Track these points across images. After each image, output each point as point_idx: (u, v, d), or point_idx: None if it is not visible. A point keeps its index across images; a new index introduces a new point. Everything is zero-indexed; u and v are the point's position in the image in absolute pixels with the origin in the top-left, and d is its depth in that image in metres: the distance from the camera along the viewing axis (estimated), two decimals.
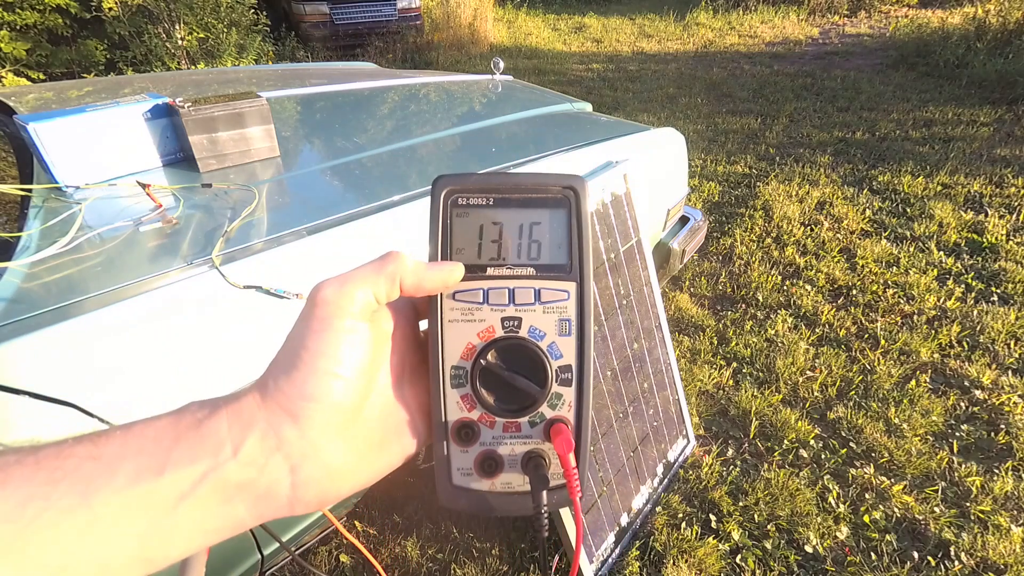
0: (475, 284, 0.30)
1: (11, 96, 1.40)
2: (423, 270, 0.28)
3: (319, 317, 0.26)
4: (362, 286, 0.26)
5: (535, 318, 0.30)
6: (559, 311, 0.30)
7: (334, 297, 0.26)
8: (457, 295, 0.30)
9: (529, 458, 0.31)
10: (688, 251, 1.85)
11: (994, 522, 1.53)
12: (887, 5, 8.17)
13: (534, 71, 6.30)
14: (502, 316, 0.30)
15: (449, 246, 0.30)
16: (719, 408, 1.93)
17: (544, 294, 0.30)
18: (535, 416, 0.31)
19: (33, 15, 4.55)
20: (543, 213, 0.30)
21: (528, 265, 0.30)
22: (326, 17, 6.56)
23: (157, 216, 0.97)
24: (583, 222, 0.30)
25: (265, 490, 0.24)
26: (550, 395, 0.30)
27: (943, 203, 3.11)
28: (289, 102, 1.66)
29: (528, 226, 0.30)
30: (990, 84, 4.81)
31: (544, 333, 0.30)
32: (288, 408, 0.25)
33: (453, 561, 1.47)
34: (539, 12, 9.62)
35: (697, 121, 4.58)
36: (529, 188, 0.30)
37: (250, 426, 0.24)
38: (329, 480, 0.26)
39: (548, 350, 0.30)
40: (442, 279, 0.28)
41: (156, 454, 0.23)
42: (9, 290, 0.77)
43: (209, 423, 0.24)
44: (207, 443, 0.23)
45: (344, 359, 0.25)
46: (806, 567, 1.46)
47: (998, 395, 1.93)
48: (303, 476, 0.25)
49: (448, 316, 0.30)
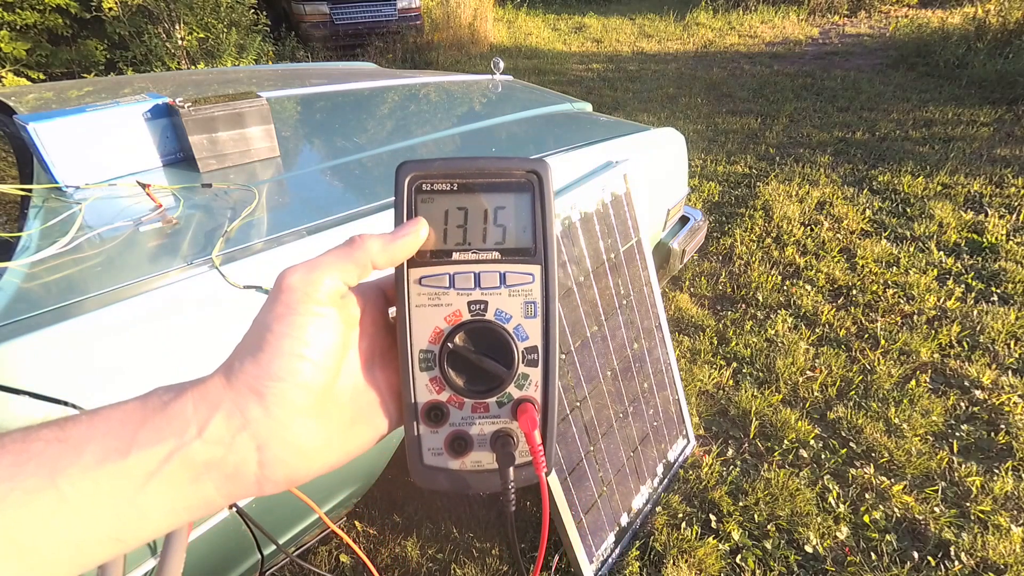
0: (441, 269, 0.30)
1: (11, 96, 1.40)
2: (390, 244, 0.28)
3: (284, 303, 0.26)
4: (329, 273, 0.27)
5: (501, 301, 0.31)
6: (524, 294, 0.31)
7: (300, 284, 0.26)
8: (423, 280, 0.30)
9: (497, 437, 0.31)
10: (688, 251, 1.85)
11: (994, 522, 1.53)
12: (887, 5, 8.17)
13: (534, 71, 6.30)
14: (468, 300, 0.30)
15: None
16: (719, 408, 1.93)
17: (509, 277, 0.31)
18: (503, 396, 0.31)
19: (33, 15, 4.55)
20: (507, 197, 0.31)
21: (493, 249, 0.31)
22: (326, 17, 6.56)
23: (157, 216, 0.97)
24: (547, 205, 0.31)
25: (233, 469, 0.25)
26: (517, 376, 0.31)
27: (943, 203, 3.11)
28: (289, 102, 1.66)
29: (492, 210, 0.31)
30: (990, 84, 4.81)
31: (510, 316, 0.31)
32: (253, 388, 0.25)
33: (453, 561, 1.47)
34: (539, 12, 9.62)
35: (697, 121, 4.58)
36: (493, 172, 0.31)
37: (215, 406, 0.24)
38: (298, 459, 0.26)
39: (514, 332, 0.31)
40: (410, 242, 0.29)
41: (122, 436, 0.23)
42: (9, 290, 0.77)
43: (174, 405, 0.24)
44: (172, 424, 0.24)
45: (310, 341, 0.26)
46: (806, 567, 1.46)
47: (998, 395, 1.93)
48: (270, 455, 0.25)
49: (415, 301, 0.30)
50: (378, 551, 1.50)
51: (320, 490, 1.14)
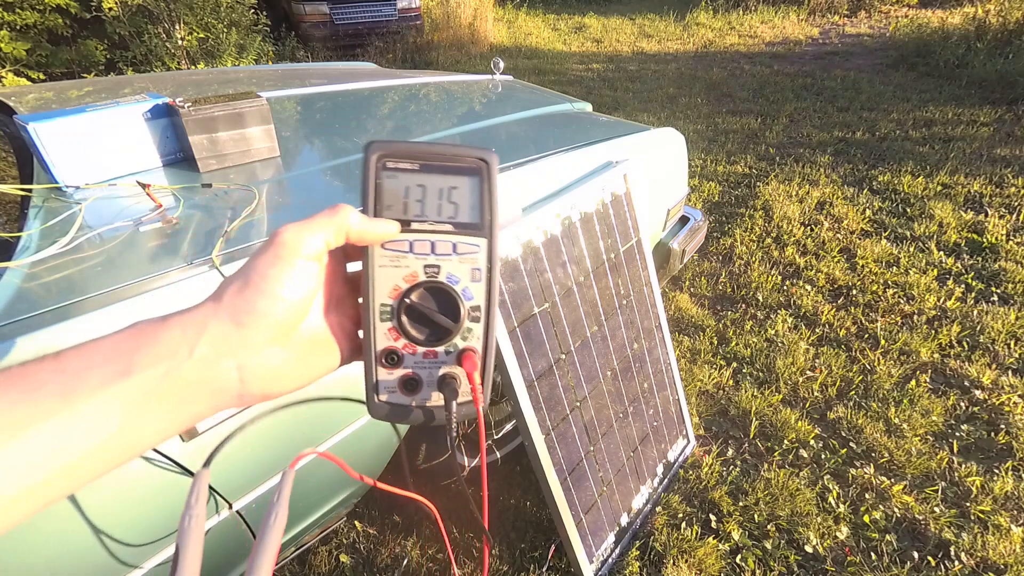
0: (403, 236, 0.35)
1: (11, 96, 1.40)
2: (366, 224, 0.33)
3: (275, 253, 0.30)
4: (317, 232, 0.31)
5: (452, 266, 0.36)
6: (472, 261, 0.36)
7: (292, 239, 0.31)
8: (387, 245, 0.35)
9: (443, 378, 0.37)
10: (688, 251, 1.85)
11: (994, 522, 1.53)
12: (887, 5, 8.17)
13: (534, 71, 6.30)
14: (424, 264, 0.35)
15: (380, 202, 0.35)
16: (719, 408, 1.93)
17: (460, 247, 0.35)
18: (450, 346, 0.36)
19: (33, 15, 4.55)
20: (461, 179, 0.35)
21: (447, 222, 0.35)
22: (326, 17, 6.55)
23: (157, 216, 0.97)
24: (493, 188, 0.35)
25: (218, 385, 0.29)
26: (462, 329, 0.36)
27: (943, 203, 3.11)
28: (289, 102, 1.66)
29: (447, 189, 0.35)
30: (990, 84, 4.81)
31: (459, 279, 0.36)
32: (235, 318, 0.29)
33: (453, 561, 1.47)
34: (539, 12, 9.62)
35: (697, 121, 4.58)
36: (448, 157, 0.35)
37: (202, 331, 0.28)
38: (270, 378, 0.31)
39: (462, 293, 0.36)
40: (380, 234, 0.34)
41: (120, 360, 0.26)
42: (9, 290, 0.77)
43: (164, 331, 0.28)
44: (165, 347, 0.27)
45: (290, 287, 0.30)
46: (806, 567, 1.46)
47: (998, 395, 1.93)
48: (248, 373, 0.30)
49: (379, 262, 0.35)
50: (378, 551, 1.50)
51: (320, 490, 1.15)
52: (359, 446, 1.10)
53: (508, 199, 1.23)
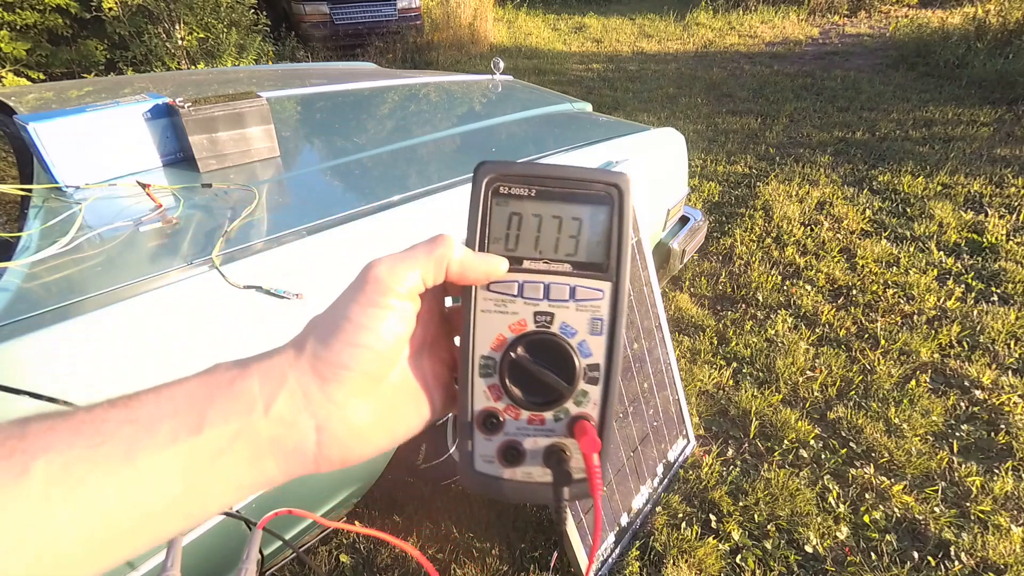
0: (511, 276, 0.30)
1: (11, 96, 1.40)
2: (470, 259, 0.29)
3: (368, 293, 0.27)
4: (413, 268, 0.27)
5: (568, 315, 0.30)
6: (592, 310, 0.30)
7: (386, 276, 0.27)
8: (492, 286, 0.30)
9: (551, 451, 0.31)
10: (688, 251, 1.85)
11: (994, 522, 1.53)
12: (887, 5, 8.17)
13: (534, 71, 6.30)
14: (535, 311, 0.30)
15: (487, 234, 0.30)
16: (719, 408, 1.93)
17: (579, 292, 0.30)
18: (560, 411, 0.31)
19: (33, 15, 4.55)
20: (584, 209, 0.30)
21: (565, 261, 0.30)
22: (326, 17, 6.55)
23: (157, 216, 0.97)
24: (624, 221, 0.30)
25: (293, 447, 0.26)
26: (577, 392, 0.31)
27: (943, 203, 3.11)
28: (289, 102, 1.66)
29: (568, 221, 0.30)
30: (990, 84, 4.81)
31: (576, 331, 0.30)
32: (319, 371, 0.26)
33: (453, 561, 1.47)
34: (539, 12, 9.61)
35: (697, 121, 4.58)
36: (572, 182, 0.30)
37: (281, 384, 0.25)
38: (352, 439, 0.27)
39: (578, 348, 0.30)
40: (485, 271, 0.29)
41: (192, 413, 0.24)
42: (9, 290, 0.77)
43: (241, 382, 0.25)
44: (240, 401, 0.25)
45: (384, 334, 0.27)
46: (806, 567, 1.46)
47: (998, 395, 1.93)
48: (328, 435, 0.26)
49: (482, 306, 0.30)
50: (378, 551, 1.50)
51: (321, 490, 1.15)
52: None
53: None
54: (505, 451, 0.31)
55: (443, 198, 1.13)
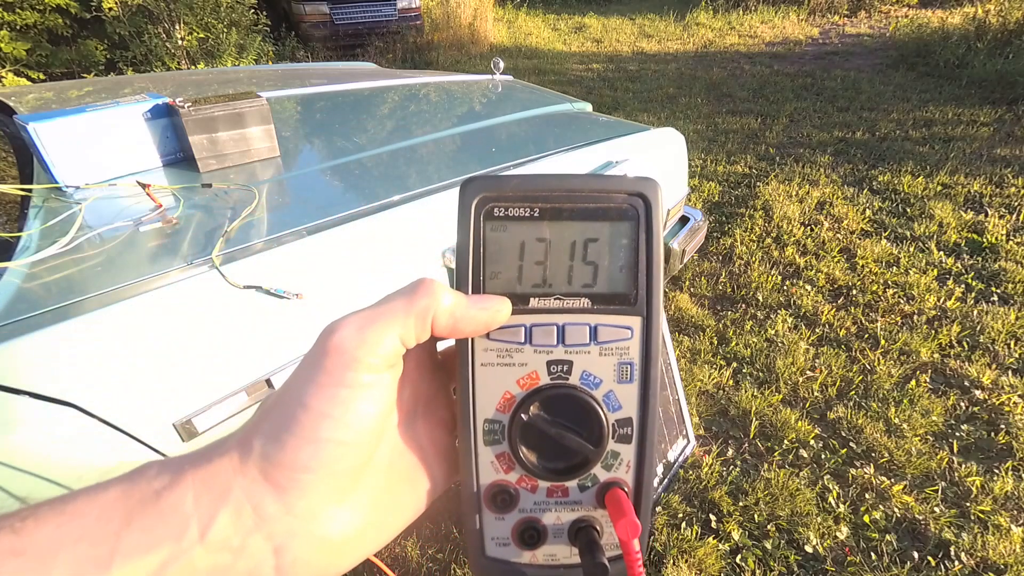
0: (515, 319, 0.24)
1: (11, 96, 1.40)
2: (462, 308, 0.22)
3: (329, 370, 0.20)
4: (388, 329, 0.21)
5: (589, 361, 0.25)
6: (619, 353, 0.25)
7: (352, 345, 0.20)
8: (493, 334, 0.24)
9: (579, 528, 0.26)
10: (688, 251, 1.85)
11: (994, 522, 1.53)
12: (887, 5, 8.17)
13: (534, 71, 6.30)
14: (548, 359, 0.25)
15: (482, 271, 0.24)
16: (719, 408, 1.93)
17: (601, 332, 0.25)
18: (586, 479, 0.26)
19: (33, 15, 4.55)
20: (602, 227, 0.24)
21: (582, 295, 0.25)
22: (326, 17, 6.56)
23: (157, 216, 0.97)
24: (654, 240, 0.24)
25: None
26: (606, 454, 0.26)
27: (943, 203, 3.11)
28: (289, 102, 1.66)
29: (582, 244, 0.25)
30: (990, 84, 4.81)
31: (600, 380, 0.25)
32: (273, 478, 0.20)
33: (453, 561, 1.47)
34: (539, 12, 9.61)
35: (697, 121, 4.58)
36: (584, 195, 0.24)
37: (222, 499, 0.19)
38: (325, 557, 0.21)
39: (604, 400, 0.25)
40: (484, 321, 0.23)
41: (101, 540, 0.18)
42: (9, 290, 0.77)
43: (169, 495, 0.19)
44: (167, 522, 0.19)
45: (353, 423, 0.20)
46: (806, 567, 1.46)
47: (998, 395, 1.93)
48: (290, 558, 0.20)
49: (481, 359, 0.25)
50: (378, 551, 1.50)
51: None
52: None
53: None
54: (522, 531, 0.26)
55: (443, 198, 1.13)
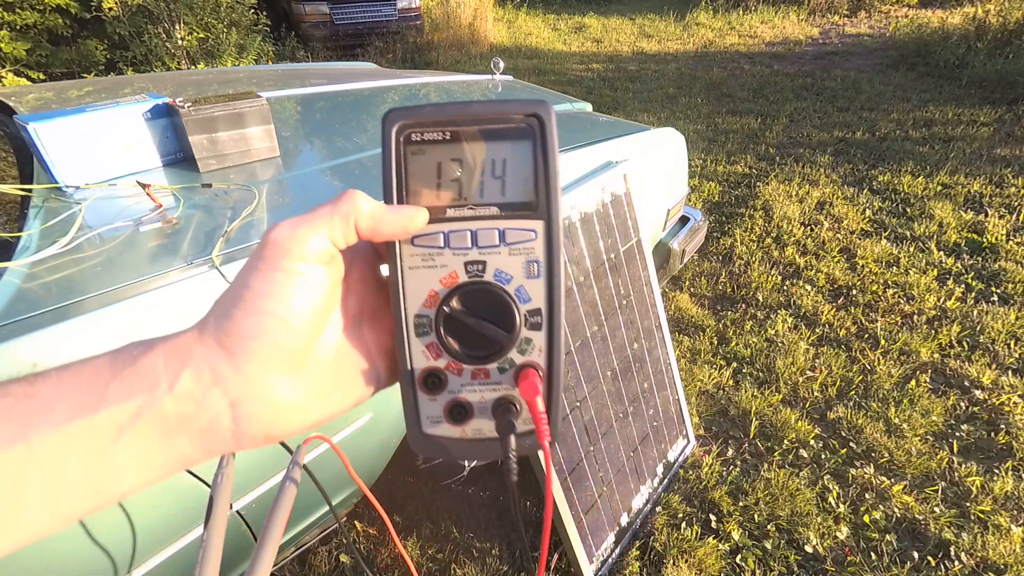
0: (435, 228, 0.29)
1: (11, 96, 1.40)
2: (381, 213, 0.27)
3: (267, 258, 0.25)
4: (316, 228, 0.26)
5: (501, 261, 0.29)
6: (526, 252, 0.29)
7: (285, 239, 0.25)
8: (416, 240, 0.29)
9: (499, 404, 0.30)
10: (688, 251, 1.85)
11: (994, 522, 1.53)
12: (887, 5, 8.17)
13: (534, 71, 6.30)
14: (465, 260, 0.29)
15: (405, 187, 0.29)
16: (719, 408, 1.93)
17: (509, 235, 0.29)
18: (504, 362, 0.30)
19: (33, 15, 4.56)
20: (506, 146, 0.29)
21: (491, 204, 0.29)
22: (326, 17, 6.56)
23: (157, 216, 0.97)
24: (550, 154, 0.29)
25: (206, 424, 0.25)
26: (519, 340, 0.30)
27: (943, 203, 3.11)
28: (289, 102, 1.66)
29: (490, 161, 0.29)
30: (990, 84, 4.81)
31: (511, 276, 0.29)
32: (224, 344, 0.25)
33: (453, 561, 1.47)
34: (539, 12, 9.62)
35: (697, 121, 4.58)
36: (489, 119, 0.28)
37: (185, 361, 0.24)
38: (273, 415, 0.26)
39: (516, 294, 0.29)
40: (401, 224, 0.28)
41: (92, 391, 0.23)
42: (9, 290, 0.77)
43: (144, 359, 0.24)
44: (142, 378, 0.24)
45: (290, 301, 0.25)
46: (806, 567, 1.46)
47: (998, 395, 1.93)
48: (244, 411, 0.25)
49: (408, 263, 0.29)
50: (378, 551, 1.50)
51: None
52: (360, 445, 1.10)
53: None
54: (452, 409, 0.30)
55: None
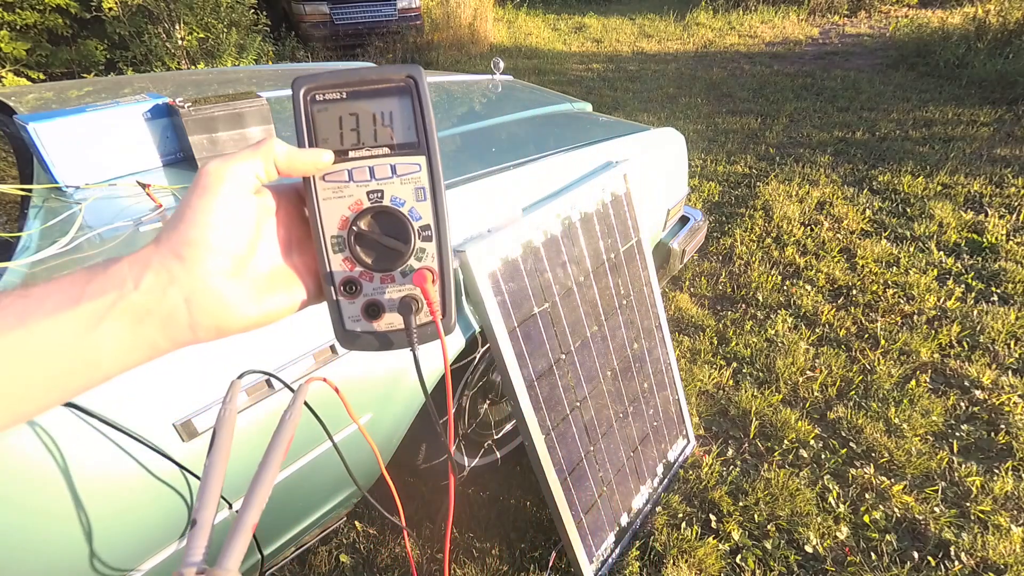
0: (340, 166, 0.35)
1: (11, 96, 1.40)
2: (294, 152, 0.33)
3: (202, 185, 0.31)
4: (241, 162, 0.32)
5: (395, 189, 0.36)
6: (414, 181, 0.36)
7: (215, 169, 0.31)
8: (327, 177, 0.35)
9: (403, 301, 0.37)
10: (688, 251, 1.85)
11: (994, 522, 1.53)
12: (887, 5, 8.17)
13: (534, 71, 6.30)
14: (367, 190, 0.36)
15: (314, 136, 0.35)
16: (719, 408, 1.93)
17: (399, 168, 0.36)
18: (405, 268, 0.37)
19: (33, 15, 4.55)
20: (391, 101, 0.36)
21: (383, 145, 0.36)
22: (326, 17, 6.55)
23: (157, 216, 0.97)
24: (425, 104, 0.36)
25: (167, 316, 0.30)
26: (415, 250, 0.37)
27: (943, 203, 3.11)
28: (289, 102, 1.66)
29: (379, 113, 0.36)
30: (990, 84, 4.81)
31: (404, 200, 0.36)
32: (175, 251, 0.30)
33: (453, 561, 1.47)
34: (539, 12, 9.62)
35: (697, 121, 4.58)
36: (375, 80, 0.35)
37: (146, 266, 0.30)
38: (222, 311, 0.31)
39: (409, 214, 0.36)
40: (312, 162, 0.34)
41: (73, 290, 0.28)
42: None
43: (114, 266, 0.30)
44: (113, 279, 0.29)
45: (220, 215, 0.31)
46: (806, 567, 1.46)
47: (998, 395, 1.93)
48: (197, 305, 0.30)
49: (322, 195, 0.35)
50: (378, 551, 1.50)
51: (321, 490, 1.15)
52: (360, 445, 1.10)
53: (508, 199, 1.23)
54: (367, 308, 0.37)
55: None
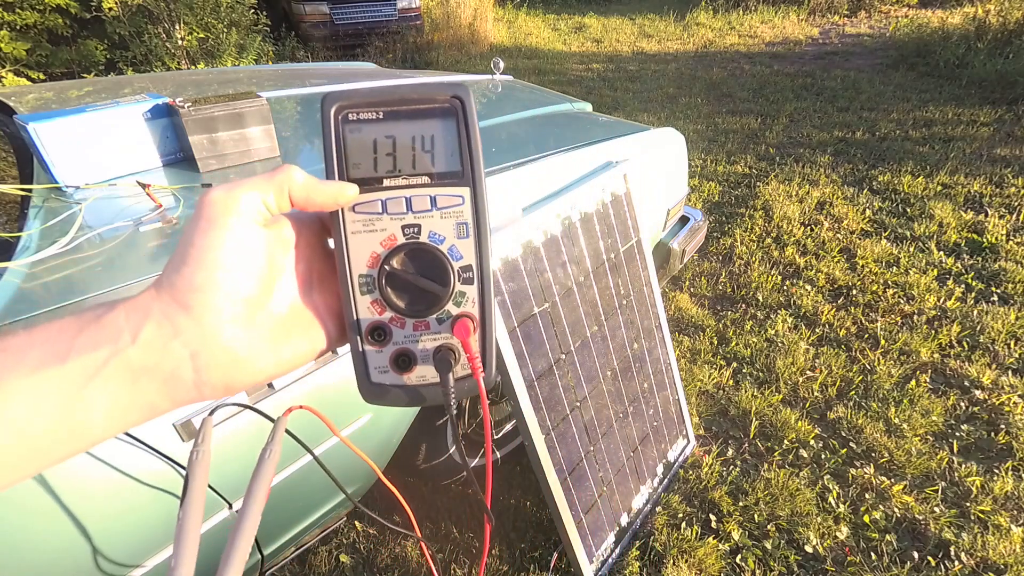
0: (373, 196, 0.31)
1: (11, 96, 1.40)
2: (313, 183, 0.29)
3: (205, 217, 0.27)
4: (249, 191, 0.28)
5: (433, 223, 0.32)
6: (456, 215, 0.32)
7: (220, 199, 0.27)
8: (357, 208, 0.31)
9: (439, 351, 0.33)
10: (688, 251, 1.85)
11: (994, 522, 1.53)
12: (887, 5, 8.17)
13: (534, 71, 6.30)
14: (402, 224, 0.32)
15: (345, 162, 0.31)
16: (719, 408, 1.93)
17: (440, 200, 0.32)
18: (442, 314, 0.33)
19: (33, 15, 4.55)
20: (433, 123, 0.32)
21: (423, 174, 0.32)
22: (326, 17, 6.56)
23: (157, 216, 0.97)
24: (471, 129, 0.32)
25: (169, 373, 0.26)
26: (454, 293, 0.33)
27: (943, 203, 3.11)
28: (289, 102, 1.66)
29: (419, 137, 0.32)
30: (990, 84, 4.81)
31: (443, 237, 0.32)
32: (179, 299, 0.26)
33: (453, 561, 1.47)
34: (539, 12, 9.61)
35: (697, 121, 4.58)
36: (416, 100, 0.31)
37: (146, 316, 0.26)
38: (232, 365, 0.27)
39: (449, 252, 0.32)
40: (332, 195, 0.30)
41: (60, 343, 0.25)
42: (9, 290, 0.77)
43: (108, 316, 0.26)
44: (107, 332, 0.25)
45: (231, 253, 0.27)
46: (806, 567, 1.46)
47: (998, 395, 1.93)
48: (203, 361, 0.27)
49: (351, 228, 0.31)
50: (378, 551, 1.50)
51: (321, 490, 1.15)
52: (359, 445, 1.09)
53: (508, 199, 1.23)
54: (397, 358, 0.33)
55: None
